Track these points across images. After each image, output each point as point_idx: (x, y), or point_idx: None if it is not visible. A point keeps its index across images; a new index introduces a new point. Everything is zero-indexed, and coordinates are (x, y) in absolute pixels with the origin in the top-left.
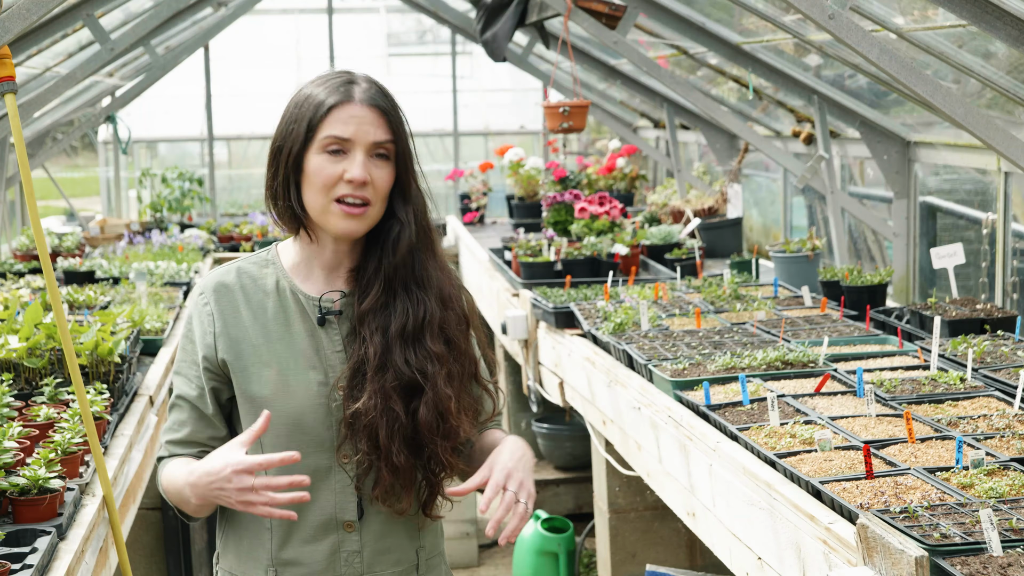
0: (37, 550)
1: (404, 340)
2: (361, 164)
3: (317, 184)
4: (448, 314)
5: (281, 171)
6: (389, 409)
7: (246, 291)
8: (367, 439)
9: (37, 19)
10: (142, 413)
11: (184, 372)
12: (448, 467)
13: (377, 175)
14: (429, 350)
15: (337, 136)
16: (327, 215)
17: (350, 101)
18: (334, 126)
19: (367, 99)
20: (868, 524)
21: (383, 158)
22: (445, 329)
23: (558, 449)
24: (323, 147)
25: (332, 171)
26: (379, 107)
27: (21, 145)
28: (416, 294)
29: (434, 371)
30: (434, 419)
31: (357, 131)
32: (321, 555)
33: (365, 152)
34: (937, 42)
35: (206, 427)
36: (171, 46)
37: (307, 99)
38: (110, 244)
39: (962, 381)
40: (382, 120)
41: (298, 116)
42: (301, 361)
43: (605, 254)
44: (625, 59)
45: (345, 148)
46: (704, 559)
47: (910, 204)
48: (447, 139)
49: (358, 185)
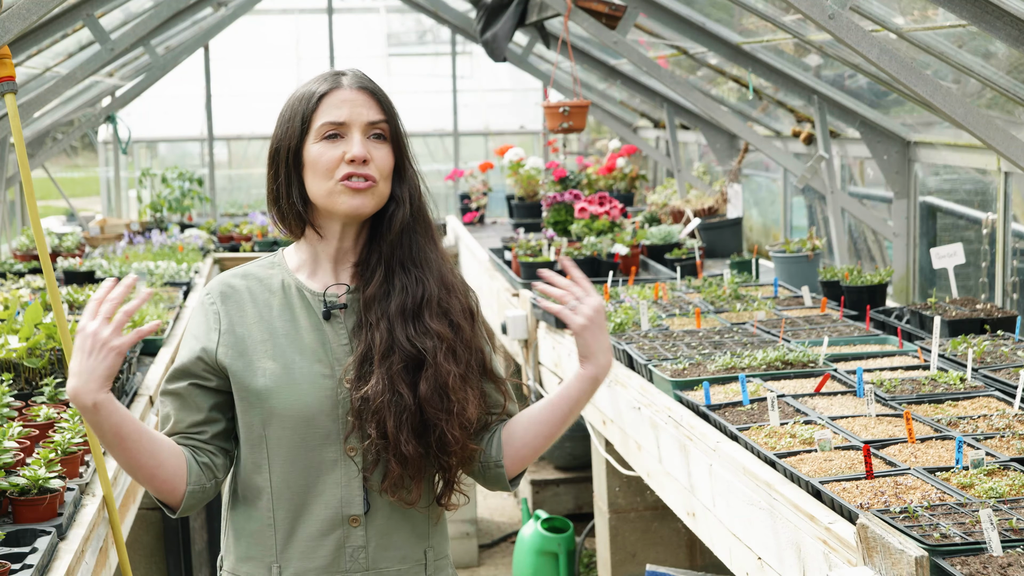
0: (37, 550)
1: (404, 318)
2: (360, 143)
3: (320, 170)
4: (451, 298)
5: (282, 169)
6: (396, 393)
7: (252, 292)
8: (375, 426)
9: (37, 19)
10: (142, 413)
11: (174, 365)
12: (457, 445)
13: (377, 155)
14: (428, 327)
15: (332, 121)
16: (333, 196)
17: (339, 87)
18: (327, 112)
19: (355, 83)
20: (868, 524)
21: (380, 139)
22: (448, 311)
23: (558, 449)
24: (320, 135)
25: (333, 155)
26: (368, 89)
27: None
28: (414, 273)
29: (434, 346)
30: (435, 394)
31: (351, 113)
32: (326, 551)
33: (362, 132)
34: (937, 42)
35: (189, 414)
36: (171, 46)
37: (299, 98)
38: (110, 244)
39: (962, 381)
40: (373, 101)
41: (291, 114)
42: (307, 355)
43: (605, 254)
44: (625, 59)
45: (341, 132)
46: (704, 559)
47: (910, 204)
48: (447, 139)
49: (360, 163)
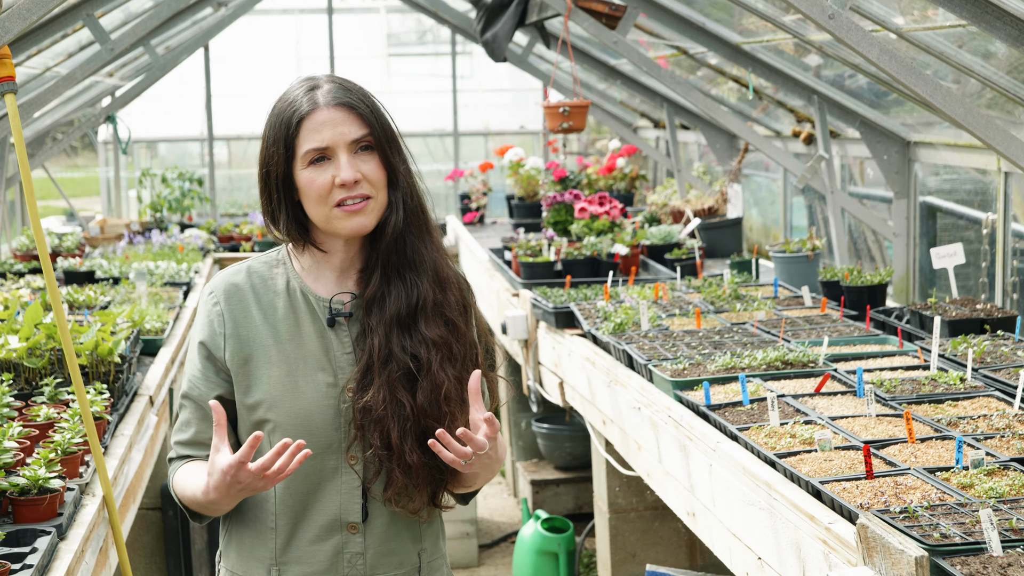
0: (37, 550)
1: (400, 326)
2: (347, 165)
3: (313, 196)
4: (447, 296)
5: (274, 195)
6: (396, 401)
7: (256, 291)
8: (379, 436)
9: (37, 19)
10: (142, 413)
11: (190, 371)
12: None
13: (367, 169)
14: (423, 335)
15: (315, 148)
16: (332, 222)
17: (316, 109)
18: (309, 139)
19: (332, 101)
20: (868, 524)
21: (367, 150)
22: (444, 310)
23: (558, 449)
24: (307, 162)
25: (323, 180)
26: (346, 104)
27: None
28: (408, 278)
29: (429, 356)
30: (431, 404)
31: (333, 135)
32: (324, 556)
33: (347, 152)
34: (937, 42)
35: (210, 426)
36: (171, 46)
37: (278, 117)
38: (110, 244)
39: (962, 381)
40: (353, 116)
41: (275, 137)
42: (310, 362)
43: (605, 254)
44: (625, 59)
45: (327, 155)
46: (704, 559)
47: (910, 204)
48: (447, 139)
49: (351, 186)
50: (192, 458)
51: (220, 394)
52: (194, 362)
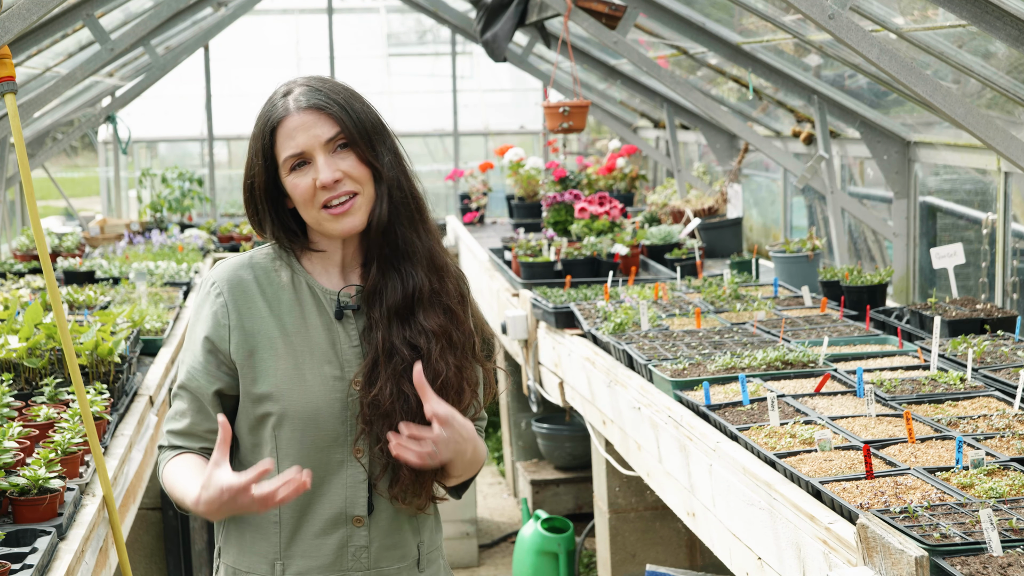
0: (37, 550)
1: (400, 318)
2: (325, 166)
3: (300, 201)
4: (444, 284)
5: (260, 206)
6: (401, 394)
7: (260, 283)
8: (388, 431)
9: (37, 19)
10: (142, 413)
11: (188, 361)
12: None
13: (346, 166)
14: (421, 325)
15: (292, 154)
16: (322, 224)
17: (287, 115)
18: (284, 146)
19: (301, 104)
20: (868, 524)
21: (345, 148)
22: (442, 298)
23: (558, 449)
24: (288, 168)
25: (305, 184)
26: (314, 106)
27: (21, 145)
28: (404, 269)
29: (429, 346)
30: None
31: (306, 139)
32: (329, 549)
33: (324, 153)
34: (937, 42)
35: (205, 419)
36: (171, 46)
37: (258, 128)
38: (110, 244)
39: (962, 381)
40: (323, 117)
41: (255, 149)
42: (317, 355)
43: (605, 254)
44: (625, 59)
45: (305, 159)
46: (704, 559)
47: (910, 204)
48: (447, 139)
49: (331, 186)
50: (183, 449)
51: (219, 388)
52: (195, 354)
